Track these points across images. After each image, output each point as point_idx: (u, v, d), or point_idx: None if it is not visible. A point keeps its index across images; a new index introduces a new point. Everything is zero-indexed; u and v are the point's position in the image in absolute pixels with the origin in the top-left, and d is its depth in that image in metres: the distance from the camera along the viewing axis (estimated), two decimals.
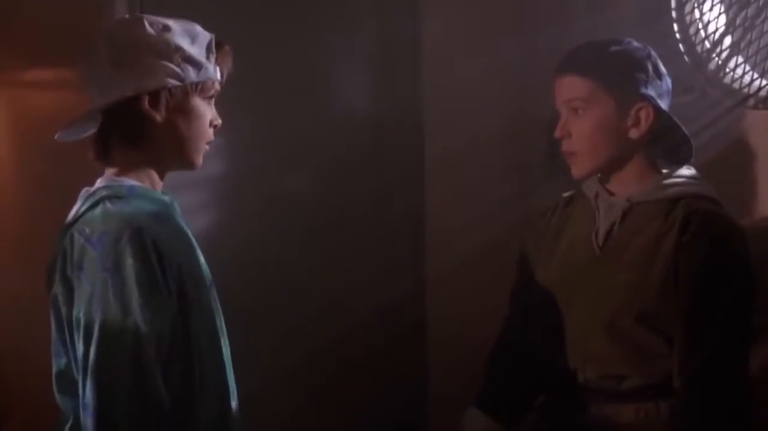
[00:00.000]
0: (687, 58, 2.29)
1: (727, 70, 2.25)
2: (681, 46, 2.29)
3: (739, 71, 2.23)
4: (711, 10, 2.24)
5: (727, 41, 2.24)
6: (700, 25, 2.26)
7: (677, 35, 2.30)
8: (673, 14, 2.30)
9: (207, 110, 1.82)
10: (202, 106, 1.80)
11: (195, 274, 1.78)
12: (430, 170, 3.09)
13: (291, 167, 2.86)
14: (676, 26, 2.30)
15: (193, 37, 1.79)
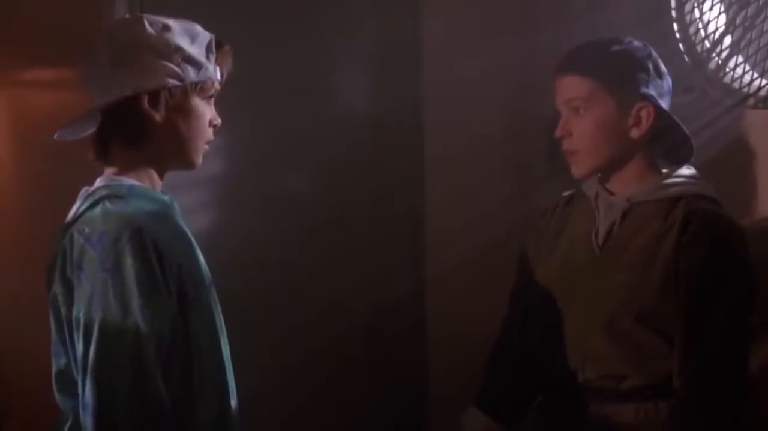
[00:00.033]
0: (687, 58, 2.29)
1: (727, 69, 2.25)
2: (681, 46, 2.29)
3: (738, 71, 2.24)
4: (711, 9, 2.24)
5: (727, 41, 2.24)
6: (700, 25, 2.26)
7: (677, 35, 2.30)
8: (673, 14, 2.30)
9: (206, 109, 1.82)
10: (202, 106, 1.80)
11: (195, 274, 1.78)
12: (430, 170, 3.08)
13: (291, 167, 2.86)
14: (675, 26, 2.30)
15: (193, 37, 1.79)
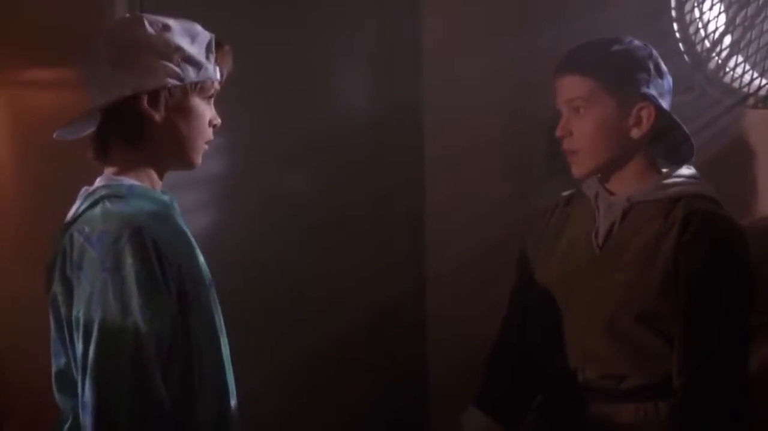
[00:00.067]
0: (687, 58, 2.30)
1: (726, 69, 2.25)
2: (681, 46, 2.30)
3: (738, 70, 2.24)
4: (711, 9, 2.25)
5: (727, 40, 2.24)
6: (700, 25, 2.26)
7: (677, 34, 2.30)
8: (673, 13, 2.30)
9: (206, 109, 1.82)
10: (202, 106, 1.80)
11: (194, 274, 1.78)
12: (430, 170, 3.08)
13: (291, 167, 2.86)
14: (675, 25, 2.30)
15: (193, 37, 1.79)
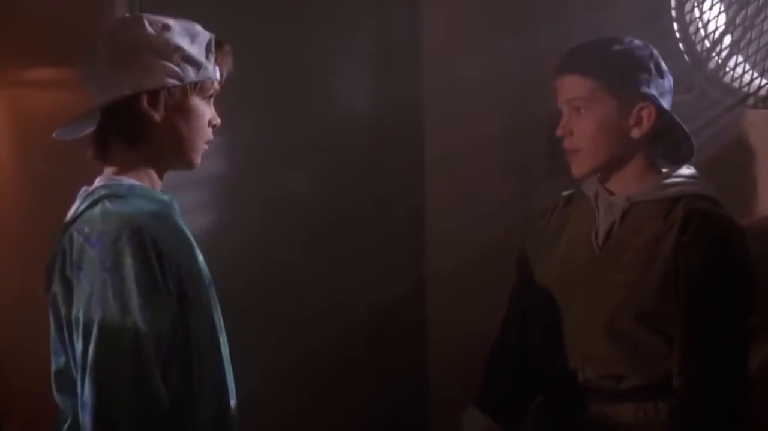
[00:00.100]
0: (687, 57, 2.30)
1: (726, 69, 2.25)
2: (681, 45, 2.30)
3: (738, 70, 2.24)
4: (711, 9, 2.25)
5: (727, 40, 2.24)
6: (700, 24, 2.26)
7: (677, 34, 2.30)
8: (673, 13, 2.30)
9: (206, 109, 1.82)
10: (201, 106, 1.80)
11: (194, 273, 1.78)
12: (430, 170, 3.08)
13: (291, 167, 2.86)
14: (675, 25, 2.30)
15: (193, 37, 1.79)
